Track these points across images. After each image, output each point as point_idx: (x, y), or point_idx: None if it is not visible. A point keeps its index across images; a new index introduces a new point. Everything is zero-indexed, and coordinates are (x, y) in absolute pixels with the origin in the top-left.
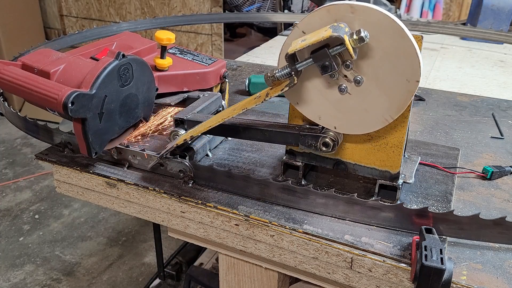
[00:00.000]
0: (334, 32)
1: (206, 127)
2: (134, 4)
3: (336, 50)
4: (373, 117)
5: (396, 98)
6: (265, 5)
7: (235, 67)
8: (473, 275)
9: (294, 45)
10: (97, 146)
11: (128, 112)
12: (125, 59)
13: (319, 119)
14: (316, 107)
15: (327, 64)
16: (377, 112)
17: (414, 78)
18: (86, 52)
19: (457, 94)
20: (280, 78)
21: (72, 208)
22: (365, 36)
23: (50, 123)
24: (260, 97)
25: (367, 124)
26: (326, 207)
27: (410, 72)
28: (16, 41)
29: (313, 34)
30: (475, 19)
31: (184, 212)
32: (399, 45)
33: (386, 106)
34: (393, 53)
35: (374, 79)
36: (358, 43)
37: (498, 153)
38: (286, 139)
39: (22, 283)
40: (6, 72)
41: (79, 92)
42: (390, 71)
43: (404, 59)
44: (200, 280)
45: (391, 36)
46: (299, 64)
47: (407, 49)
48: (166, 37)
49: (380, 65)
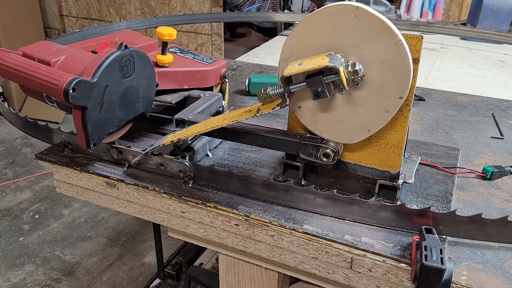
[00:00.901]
0: (331, 62)
1: (194, 132)
2: (134, 4)
3: (330, 78)
4: (352, 129)
5: (373, 123)
6: (265, 5)
7: (235, 67)
8: (473, 275)
9: (290, 68)
10: (96, 137)
11: (128, 105)
12: (127, 50)
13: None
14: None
15: (320, 90)
16: (356, 125)
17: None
18: (86, 46)
19: (457, 94)
20: (272, 96)
21: (72, 208)
22: (359, 69)
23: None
24: (251, 111)
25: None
26: (326, 207)
27: (392, 107)
28: (16, 41)
29: (309, 60)
30: (475, 19)
31: (184, 212)
32: (398, 83)
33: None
34: (385, 92)
35: (360, 105)
36: (352, 75)
37: (498, 153)
38: (287, 146)
39: (22, 283)
40: (7, 59)
41: (81, 79)
42: (376, 104)
43: (394, 99)
44: (200, 280)
45: (397, 71)
46: (293, 86)
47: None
48: (168, 33)
49: (370, 96)
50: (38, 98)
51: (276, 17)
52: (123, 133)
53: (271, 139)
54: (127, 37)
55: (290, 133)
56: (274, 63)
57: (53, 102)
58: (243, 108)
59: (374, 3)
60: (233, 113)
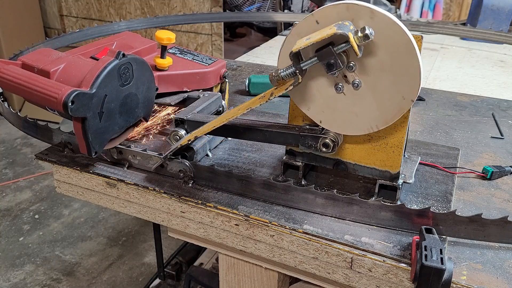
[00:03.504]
0: (339, 29)
1: (210, 127)
2: (134, 4)
3: (341, 48)
4: (360, 122)
5: (387, 111)
6: (265, 5)
7: (235, 67)
8: (473, 275)
9: (298, 44)
10: (97, 145)
11: (128, 111)
12: (125, 58)
13: (308, 110)
14: (308, 98)
15: (332, 62)
16: (365, 118)
17: (410, 97)
18: (86, 51)
19: (457, 94)
20: (284, 77)
21: (72, 208)
22: (370, 33)
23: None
24: (265, 96)
25: (352, 127)
26: (326, 207)
27: (408, 91)
28: (16, 41)
29: (317, 32)
30: (475, 19)
31: (184, 212)
32: (406, 62)
33: (375, 115)
34: (398, 68)
35: (372, 87)
36: (363, 40)
37: (498, 153)
38: (286, 139)
39: (22, 283)
40: (6, 71)
41: (79, 91)
42: (390, 84)
43: (407, 77)
44: (200, 280)
45: (403, 52)
46: (303, 63)
47: (413, 69)
48: (166, 37)
49: (382, 75)
50: (39, 106)
51: (276, 17)
52: (124, 138)
53: (270, 133)
54: (127, 39)
55: (288, 126)
56: (274, 63)
57: (54, 110)
58: (256, 96)
59: (374, 3)
60: (247, 102)
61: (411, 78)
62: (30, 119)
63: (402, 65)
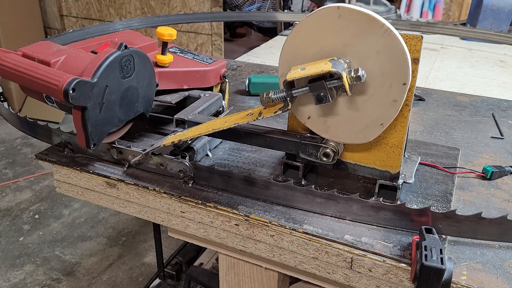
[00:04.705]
0: (334, 67)
1: (195, 133)
2: (134, 4)
3: (333, 83)
4: (366, 127)
5: (384, 116)
6: (265, 5)
7: (235, 67)
8: (473, 275)
9: (293, 73)
10: (96, 137)
11: (128, 105)
12: (127, 50)
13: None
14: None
15: (323, 95)
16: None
17: (387, 123)
18: (86, 46)
19: (457, 94)
20: (275, 100)
21: (72, 208)
22: (362, 75)
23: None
24: (253, 114)
25: (350, 138)
26: (326, 207)
27: (386, 117)
28: (16, 41)
29: (312, 65)
30: (475, 19)
31: (184, 212)
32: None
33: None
34: (387, 81)
35: (367, 100)
36: (354, 81)
37: (498, 153)
38: (287, 146)
39: (22, 283)
40: (7, 59)
41: (81, 79)
42: (383, 95)
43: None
44: (200, 280)
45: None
46: (295, 91)
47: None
48: (168, 33)
49: (375, 89)
50: (38, 99)
51: (276, 17)
52: (123, 133)
53: (271, 139)
54: (127, 37)
55: (290, 133)
56: (274, 63)
57: (53, 102)
58: (245, 111)
59: (374, 3)
60: (235, 116)
61: (393, 106)
62: (30, 119)
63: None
